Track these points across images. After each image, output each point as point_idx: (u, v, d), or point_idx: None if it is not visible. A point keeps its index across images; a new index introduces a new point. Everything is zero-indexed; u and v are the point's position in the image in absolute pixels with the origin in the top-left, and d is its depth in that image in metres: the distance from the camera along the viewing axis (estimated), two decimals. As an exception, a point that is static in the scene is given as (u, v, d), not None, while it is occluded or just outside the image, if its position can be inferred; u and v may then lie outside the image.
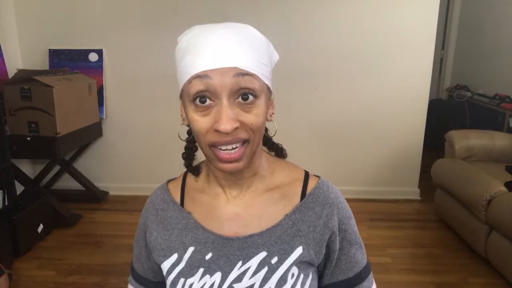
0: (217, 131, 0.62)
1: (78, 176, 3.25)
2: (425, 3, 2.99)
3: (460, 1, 4.46)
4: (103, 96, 3.18)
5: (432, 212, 3.05)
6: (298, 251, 0.71)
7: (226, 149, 0.64)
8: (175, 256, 0.74)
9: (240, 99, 0.63)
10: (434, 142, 3.62)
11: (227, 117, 0.61)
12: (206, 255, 0.72)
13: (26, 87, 2.54)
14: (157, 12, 3.07)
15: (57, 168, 3.27)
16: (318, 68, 3.12)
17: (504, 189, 2.22)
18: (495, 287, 2.16)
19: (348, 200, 0.82)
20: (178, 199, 0.79)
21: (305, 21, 3.05)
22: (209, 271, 0.71)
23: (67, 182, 3.33)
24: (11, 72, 2.86)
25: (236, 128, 0.62)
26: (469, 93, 3.96)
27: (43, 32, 3.12)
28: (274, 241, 0.71)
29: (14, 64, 3.04)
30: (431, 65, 3.10)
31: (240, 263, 0.71)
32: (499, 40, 3.69)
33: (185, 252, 0.73)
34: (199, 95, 0.62)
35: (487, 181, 2.30)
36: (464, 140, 2.81)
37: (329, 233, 0.73)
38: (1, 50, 2.87)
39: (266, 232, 0.72)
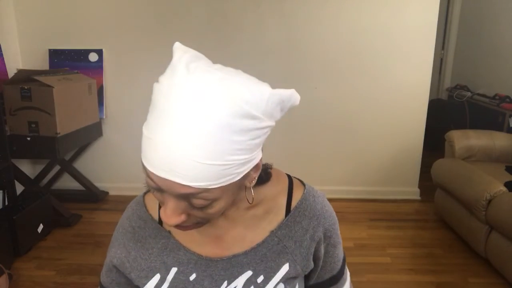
0: None
1: (78, 176, 3.25)
2: (425, 3, 2.99)
3: (460, 1, 4.46)
4: (103, 96, 3.18)
5: (432, 212, 3.05)
6: (285, 268, 0.69)
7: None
8: (157, 277, 0.70)
9: None
10: (434, 142, 3.62)
11: (171, 210, 0.55)
12: (190, 276, 0.69)
13: (26, 87, 2.54)
14: (157, 12, 3.06)
15: (57, 168, 3.27)
16: (318, 68, 3.12)
17: (504, 189, 2.22)
18: (495, 287, 2.16)
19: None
20: (156, 215, 0.72)
21: (305, 21, 3.05)
22: None
23: (67, 182, 3.33)
24: (11, 72, 2.85)
25: (184, 220, 0.57)
26: (469, 93, 3.96)
27: (43, 32, 3.12)
28: (259, 259, 0.69)
29: (14, 64, 3.03)
30: (431, 65, 3.10)
31: (225, 283, 0.69)
32: (499, 40, 3.69)
33: (167, 273, 0.70)
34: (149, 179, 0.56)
35: (487, 181, 2.30)
36: (464, 140, 2.81)
37: (314, 245, 0.72)
38: (1, 50, 2.87)
39: (250, 251, 0.69)
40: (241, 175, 0.55)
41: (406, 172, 3.30)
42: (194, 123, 0.49)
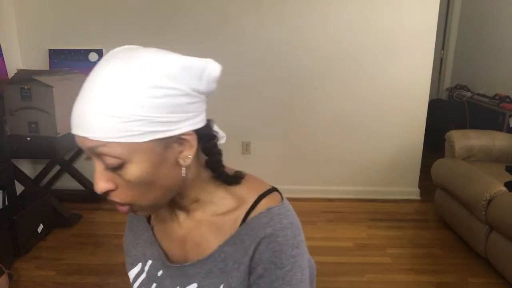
0: None
1: (78, 176, 3.25)
2: (425, 3, 2.99)
3: (460, 1, 4.46)
4: (103, 96, 3.17)
5: (432, 212, 3.05)
6: None
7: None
8: (139, 266, 0.75)
9: None
10: (434, 142, 3.62)
11: (97, 175, 0.57)
12: (158, 271, 0.72)
13: (26, 87, 2.54)
14: (157, 12, 3.07)
15: (57, 168, 3.27)
16: (318, 68, 3.12)
17: (504, 189, 2.22)
18: (495, 287, 2.16)
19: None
20: None
21: (305, 21, 3.04)
22: None
23: (67, 182, 3.33)
24: (11, 72, 2.86)
25: (112, 190, 0.58)
26: (469, 93, 3.96)
27: (43, 32, 3.12)
28: (205, 273, 0.65)
29: (14, 64, 3.03)
30: (431, 65, 3.10)
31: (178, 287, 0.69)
32: (499, 40, 3.69)
33: (146, 264, 0.74)
34: None
35: (487, 181, 2.30)
36: (464, 140, 2.81)
37: (249, 274, 0.63)
38: (1, 50, 2.87)
39: (198, 263, 0.66)
40: (147, 138, 0.55)
41: (406, 172, 3.30)
42: (97, 81, 0.55)
